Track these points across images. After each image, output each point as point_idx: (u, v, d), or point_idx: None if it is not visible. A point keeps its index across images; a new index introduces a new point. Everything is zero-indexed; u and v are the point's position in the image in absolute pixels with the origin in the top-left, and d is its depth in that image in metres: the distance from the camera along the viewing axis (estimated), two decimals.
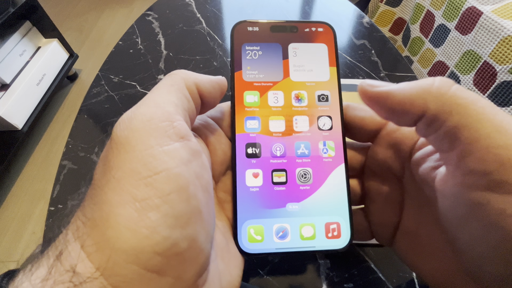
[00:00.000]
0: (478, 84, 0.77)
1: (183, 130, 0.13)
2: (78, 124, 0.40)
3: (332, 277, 0.27)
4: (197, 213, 0.12)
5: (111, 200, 0.11)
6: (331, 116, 0.19)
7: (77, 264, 0.10)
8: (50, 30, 1.15)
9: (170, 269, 0.11)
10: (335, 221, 0.17)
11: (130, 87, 0.44)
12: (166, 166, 0.11)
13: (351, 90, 0.41)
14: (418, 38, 0.98)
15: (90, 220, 0.11)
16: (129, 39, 0.52)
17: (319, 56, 0.19)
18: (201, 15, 0.57)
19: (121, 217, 0.10)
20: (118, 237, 0.10)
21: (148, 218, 0.10)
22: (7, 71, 0.99)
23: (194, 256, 0.11)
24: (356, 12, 0.58)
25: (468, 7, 0.77)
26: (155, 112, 0.12)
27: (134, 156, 0.11)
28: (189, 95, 0.14)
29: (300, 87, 0.19)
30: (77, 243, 0.11)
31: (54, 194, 0.33)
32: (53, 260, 0.11)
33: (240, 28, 0.19)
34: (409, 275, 0.27)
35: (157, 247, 0.10)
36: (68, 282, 0.10)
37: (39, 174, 1.04)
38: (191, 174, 0.12)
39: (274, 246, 0.17)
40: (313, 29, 0.20)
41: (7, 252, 0.88)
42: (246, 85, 0.19)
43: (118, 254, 0.10)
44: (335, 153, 0.18)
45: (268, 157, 0.18)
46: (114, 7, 1.70)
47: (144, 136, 0.11)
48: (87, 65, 1.39)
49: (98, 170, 0.12)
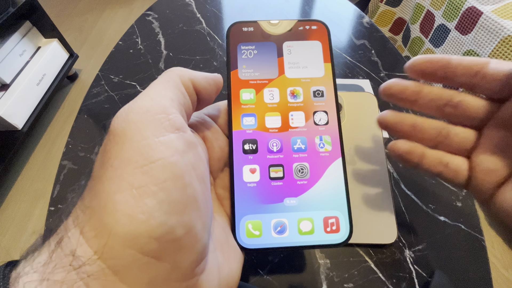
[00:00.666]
0: None
1: (178, 122, 0.13)
2: (78, 124, 0.40)
3: (332, 277, 0.27)
4: (193, 202, 0.12)
5: (109, 188, 0.11)
6: (327, 111, 0.19)
7: (76, 249, 0.11)
8: (50, 30, 1.15)
9: (167, 255, 0.11)
10: (333, 216, 0.17)
11: (130, 87, 0.44)
12: (162, 155, 0.11)
13: (351, 90, 0.41)
14: (418, 38, 0.98)
15: (89, 208, 0.11)
16: (129, 39, 0.52)
17: (314, 53, 0.20)
18: (201, 15, 0.57)
19: (118, 204, 0.11)
20: (115, 222, 0.10)
21: (145, 204, 0.11)
22: (7, 71, 0.99)
23: (191, 244, 0.12)
24: (356, 12, 0.58)
25: (468, 7, 0.77)
26: (151, 105, 0.13)
27: (131, 146, 0.11)
28: (184, 91, 0.15)
29: (295, 84, 0.19)
30: (76, 229, 0.11)
31: (54, 194, 0.33)
32: (54, 246, 0.11)
33: (236, 29, 0.20)
34: (409, 275, 0.27)
35: (153, 232, 0.11)
36: (68, 265, 0.10)
37: (39, 174, 1.04)
38: (187, 164, 0.12)
39: (272, 241, 0.17)
40: (307, 27, 0.20)
41: (7, 252, 0.88)
42: (242, 83, 0.19)
43: (116, 238, 0.10)
44: (331, 147, 0.18)
45: (265, 153, 0.18)
46: (114, 7, 1.70)
47: (141, 127, 0.12)
48: (87, 65, 1.39)
49: (97, 163, 0.12)
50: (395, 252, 0.28)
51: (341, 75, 0.45)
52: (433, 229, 0.30)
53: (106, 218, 0.11)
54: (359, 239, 0.28)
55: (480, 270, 0.27)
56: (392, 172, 0.34)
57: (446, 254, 0.28)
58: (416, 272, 0.27)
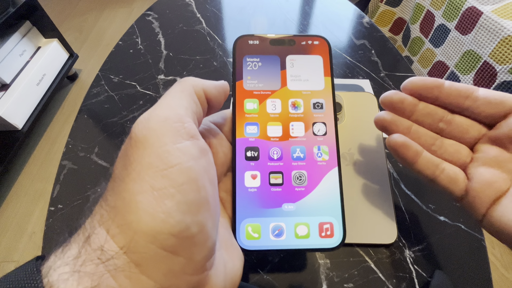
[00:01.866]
0: (478, 84, 0.77)
1: (192, 130, 0.14)
2: (78, 124, 0.40)
3: (332, 277, 0.27)
4: (205, 203, 0.13)
5: (132, 189, 0.12)
6: (326, 123, 0.20)
7: (104, 245, 0.12)
8: (50, 30, 1.15)
9: (182, 250, 0.12)
10: (328, 221, 0.18)
11: (130, 87, 0.44)
12: (179, 160, 0.13)
13: (351, 90, 0.41)
14: (418, 38, 0.98)
15: (113, 208, 0.12)
16: (129, 39, 0.52)
17: (315, 67, 0.21)
18: (201, 15, 0.57)
19: (141, 204, 0.12)
20: (138, 220, 0.12)
21: (165, 204, 0.12)
22: (7, 71, 0.99)
23: (203, 240, 0.13)
24: (356, 12, 0.58)
25: (468, 7, 0.77)
26: (169, 114, 0.14)
27: (152, 152, 0.13)
28: (197, 100, 0.16)
29: (296, 96, 0.20)
30: (102, 228, 0.12)
31: (54, 194, 0.33)
32: (83, 242, 0.12)
33: (242, 42, 0.21)
34: (409, 275, 0.27)
35: (172, 230, 0.12)
36: (96, 259, 0.11)
37: (39, 174, 1.04)
38: (200, 168, 0.13)
39: (270, 244, 0.18)
40: (309, 42, 0.21)
41: (7, 252, 0.88)
42: (246, 93, 0.20)
43: (139, 235, 0.12)
44: (329, 157, 0.19)
45: (265, 160, 0.19)
46: (114, 7, 1.70)
47: (160, 134, 0.13)
48: (87, 65, 1.39)
49: (118, 165, 0.13)
50: (395, 252, 0.28)
51: (341, 75, 0.45)
52: (433, 229, 0.30)
53: (130, 216, 0.12)
54: (359, 239, 0.28)
55: (480, 270, 0.27)
56: (392, 172, 0.34)
57: (446, 254, 0.28)
58: (416, 272, 0.27)
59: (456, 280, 0.27)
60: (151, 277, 0.12)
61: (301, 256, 0.28)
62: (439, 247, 0.29)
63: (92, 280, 0.11)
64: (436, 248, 0.29)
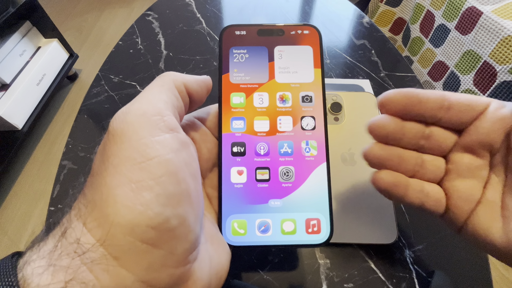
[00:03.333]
0: (478, 84, 0.77)
1: (172, 123, 0.14)
2: (78, 124, 0.40)
3: (332, 277, 0.27)
4: (186, 196, 0.13)
5: (109, 183, 0.12)
6: (314, 117, 0.19)
7: (80, 238, 0.12)
8: (50, 30, 1.15)
9: (162, 243, 0.12)
10: (315, 217, 0.18)
11: (130, 87, 0.44)
12: (158, 153, 0.12)
13: (351, 90, 0.41)
14: (418, 38, 0.98)
15: (91, 202, 0.12)
16: (129, 39, 0.52)
17: (304, 58, 0.20)
18: (201, 15, 0.57)
19: (119, 197, 0.12)
20: (116, 213, 0.11)
21: (143, 196, 0.12)
22: (7, 71, 0.99)
23: (184, 233, 0.13)
24: (356, 12, 0.58)
25: (468, 7, 0.77)
26: (148, 107, 0.14)
27: (129, 145, 0.12)
28: (178, 94, 0.16)
29: (284, 89, 0.20)
30: (79, 221, 0.12)
31: (54, 194, 0.33)
32: (59, 236, 0.12)
33: (228, 32, 0.20)
34: (409, 275, 0.27)
35: (150, 222, 0.12)
36: (73, 252, 0.11)
37: (39, 174, 1.04)
38: (181, 161, 0.13)
39: (256, 240, 0.18)
40: (298, 32, 0.20)
41: (7, 252, 0.87)
42: (233, 87, 0.19)
43: (116, 227, 0.11)
44: (317, 152, 0.19)
45: (252, 156, 0.19)
46: (114, 7, 1.70)
47: (138, 128, 0.13)
48: (87, 65, 1.39)
49: (96, 161, 0.13)
50: (395, 252, 0.28)
51: (341, 75, 0.45)
52: (433, 229, 0.30)
53: (107, 209, 0.12)
54: (359, 239, 0.28)
55: (480, 270, 0.27)
56: None
57: (446, 254, 0.28)
58: (416, 272, 0.27)
59: (456, 280, 0.27)
60: (130, 270, 0.12)
61: (301, 256, 0.28)
62: (439, 247, 0.29)
63: (67, 273, 0.11)
64: (436, 248, 0.29)
